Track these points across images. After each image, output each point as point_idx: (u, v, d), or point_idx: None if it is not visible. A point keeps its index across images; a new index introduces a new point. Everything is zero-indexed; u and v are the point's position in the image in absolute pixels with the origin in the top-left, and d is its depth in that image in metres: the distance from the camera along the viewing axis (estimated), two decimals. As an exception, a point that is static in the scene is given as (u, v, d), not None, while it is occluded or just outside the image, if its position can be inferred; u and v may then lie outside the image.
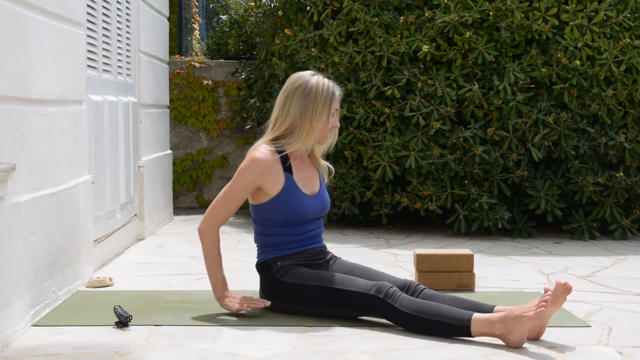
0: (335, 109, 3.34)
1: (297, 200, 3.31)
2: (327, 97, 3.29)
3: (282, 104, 3.32)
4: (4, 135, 2.97)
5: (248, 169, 3.27)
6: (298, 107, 3.28)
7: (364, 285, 3.18)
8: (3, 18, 2.98)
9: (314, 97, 3.27)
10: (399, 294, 3.10)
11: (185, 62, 7.28)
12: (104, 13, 4.55)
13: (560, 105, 5.59)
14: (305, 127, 3.28)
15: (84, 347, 2.88)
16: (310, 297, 3.27)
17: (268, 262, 3.36)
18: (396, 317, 3.10)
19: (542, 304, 2.89)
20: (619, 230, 5.52)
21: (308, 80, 3.30)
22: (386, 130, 5.57)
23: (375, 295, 3.12)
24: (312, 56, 5.71)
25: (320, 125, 3.30)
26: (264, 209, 3.34)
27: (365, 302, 3.15)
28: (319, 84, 3.29)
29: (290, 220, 3.32)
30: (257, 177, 3.27)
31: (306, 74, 3.34)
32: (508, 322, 2.91)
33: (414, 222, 6.21)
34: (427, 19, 5.56)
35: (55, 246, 3.49)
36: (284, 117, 3.31)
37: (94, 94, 4.28)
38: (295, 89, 3.30)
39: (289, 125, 3.30)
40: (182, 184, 7.27)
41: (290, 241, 3.36)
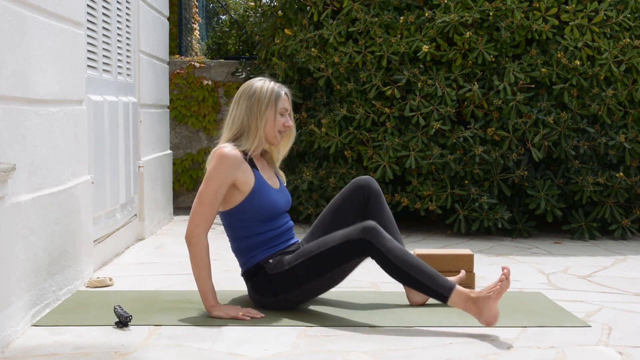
0: (284, 108, 3.42)
1: (268, 194, 3.38)
2: (271, 97, 3.39)
3: (231, 107, 3.45)
4: (4, 135, 2.97)
5: (220, 165, 3.29)
6: (243, 109, 3.39)
7: (348, 233, 3.26)
8: (3, 18, 2.98)
9: (257, 98, 3.38)
10: (383, 235, 3.23)
11: (185, 62, 7.28)
12: (104, 13, 4.55)
13: (560, 105, 5.59)
14: (252, 128, 3.38)
15: (84, 347, 2.88)
16: (303, 275, 3.29)
17: (260, 264, 3.36)
18: (381, 260, 3.24)
19: (505, 283, 3.14)
20: (619, 230, 5.52)
21: (252, 84, 3.43)
22: (386, 130, 5.57)
23: (361, 238, 3.22)
24: (312, 56, 5.71)
25: (267, 125, 3.39)
26: (239, 211, 3.35)
27: (355, 248, 3.24)
28: (263, 87, 3.41)
29: (267, 215, 3.36)
30: (231, 172, 3.29)
31: (254, 80, 3.46)
32: (478, 303, 3.15)
33: (414, 222, 6.21)
34: (427, 19, 5.56)
35: (55, 246, 3.49)
36: (232, 120, 3.41)
37: (94, 94, 4.29)
38: (241, 93, 3.43)
39: (238, 128, 3.39)
40: (182, 184, 7.27)
41: (274, 236, 3.39)
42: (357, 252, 3.27)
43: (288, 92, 3.47)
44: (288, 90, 3.47)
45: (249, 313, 3.27)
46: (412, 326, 3.19)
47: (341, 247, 3.27)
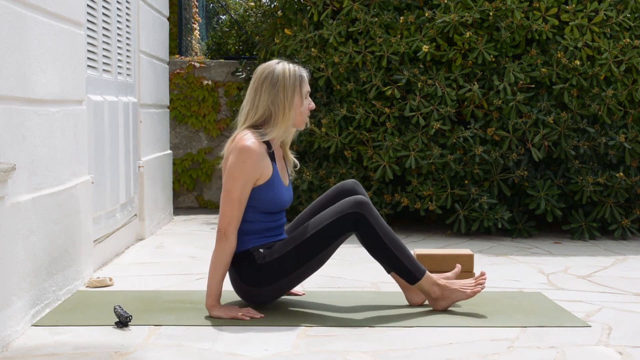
0: (307, 91, 3.37)
1: (278, 190, 3.35)
2: (296, 82, 3.32)
3: (252, 96, 3.34)
4: (4, 135, 2.97)
5: (247, 162, 3.23)
6: (268, 96, 3.30)
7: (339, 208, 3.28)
8: (3, 18, 2.98)
9: (282, 84, 3.30)
10: (375, 211, 3.30)
11: (185, 62, 7.28)
12: (104, 13, 4.56)
13: (560, 105, 5.59)
14: (279, 115, 3.30)
15: (84, 347, 2.88)
16: (294, 261, 3.29)
17: (250, 251, 3.32)
18: (370, 235, 3.29)
19: (479, 287, 3.38)
20: (619, 230, 5.52)
21: (274, 69, 3.32)
22: (386, 130, 5.57)
23: (355, 212, 3.26)
24: (312, 56, 5.71)
25: (295, 110, 3.33)
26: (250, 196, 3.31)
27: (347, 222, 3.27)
28: (285, 71, 3.32)
29: (270, 208, 3.34)
30: (257, 168, 3.25)
31: (272, 63, 3.37)
32: (445, 290, 3.37)
33: (414, 222, 6.21)
34: (427, 19, 5.56)
35: (55, 246, 3.49)
36: (255, 108, 3.32)
37: (94, 94, 4.29)
38: (263, 79, 3.32)
39: (262, 115, 3.32)
40: (182, 184, 7.27)
41: (269, 227, 3.37)
42: (349, 226, 3.28)
43: (307, 73, 3.41)
44: (307, 71, 3.41)
45: (249, 313, 3.26)
46: (412, 326, 3.19)
47: (333, 223, 3.27)
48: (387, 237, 3.31)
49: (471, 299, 3.57)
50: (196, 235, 5.63)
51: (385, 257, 3.34)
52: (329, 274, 4.21)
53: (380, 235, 3.30)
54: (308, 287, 3.88)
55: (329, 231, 3.28)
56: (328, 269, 4.25)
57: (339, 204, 3.32)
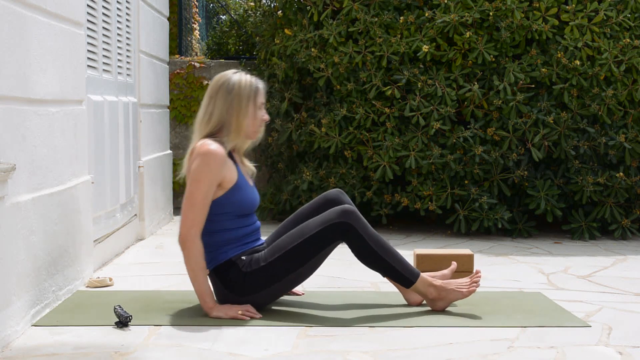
0: (261, 102, 3.38)
1: (247, 190, 3.36)
2: (251, 92, 3.33)
3: (206, 103, 3.35)
4: (4, 135, 2.97)
5: (209, 164, 3.22)
6: (222, 104, 3.31)
7: (327, 218, 3.28)
8: (3, 18, 2.98)
9: (237, 92, 3.31)
10: (362, 219, 3.30)
11: (185, 62, 7.28)
12: (104, 13, 4.56)
13: (560, 105, 5.59)
14: (233, 124, 3.31)
15: (84, 347, 2.88)
16: (281, 269, 3.28)
17: (232, 260, 3.31)
18: (359, 244, 3.30)
19: (474, 286, 3.40)
20: (619, 230, 5.52)
21: (230, 78, 3.34)
22: (386, 130, 5.57)
23: (342, 222, 3.26)
24: (312, 56, 5.71)
25: (249, 120, 3.33)
26: (216, 205, 3.29)
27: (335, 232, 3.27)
28: (241, 80, 3.33)
29: (244, 211, 3.34)
30: (219, 170, 3.24)
31: (228, 72, 3.38)
32: (442, 291, 3.39)
33: (414, 222, 6.21)
34: (427, 19, 5.56)
35: (55, 246, 3.49)
36: (209, 115, 3.33)
37: (94, 94, 4.29)
38: (218, 87, 3.34)
39: (216, 123, 3.32)
40: (182, 184, 7.26)
41: (246, 233, 3.36)
42: (337, 236, 3.29)
43: (263, 85, 3.42)
44: (263, 83, 3.43)
45: (248, 312, 3.26)
46: (412, 326, 3.19)
47: (321, 233, 3.27)
48: (377, 244, 3.32)
49: (471, 298, 3.57)
50: (196, 235, 5.62)
51: (376, 264, 3.35)
52: (329, 274, 4.21)
53: (370, 244, 3.31)
54: (308, 287, 3.88)
55: (315, 241, 3.28)
56: (328, 269, 4.26)
57: (326, 214, 3.32)
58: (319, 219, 3.31)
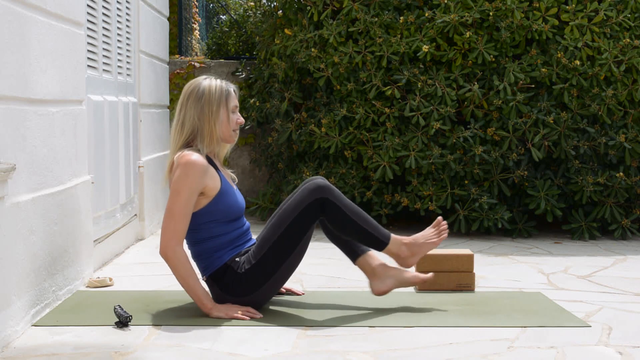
0: (235, 105, 3.37)
1: (233, 195, 3.36)
2: (222, 96, 3.33)
3: (178, 111, 3.36)
4: (4, 135, 2.97)
5: (189, 174, 3.22)
6: (193, 111, 3.31)
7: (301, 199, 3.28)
8: (3, 18, 2.98)
9: (207, 98, 3.31)
10: (335, 190, 3.33)
11: (185, 62, 7.28)
12: (104, 13, 4.56)
13: (560, 105, 5.59)
14: (205, 129, 3.31)
15: (84, 347, 2.88)
16: (273, 261, 3.28)
17: (228, 264, 3.31)
18: (337, 215, 3.31)
19: (444, 234, 3.48)
20: (619, 230, 5.52)
21: (200, 84, 3.35)
22: (386, 130, 5.57)
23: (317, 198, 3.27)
24: (312, 56, 5.71)
25: (221, 125, 3.33)
26: (204, 213, 3.30)
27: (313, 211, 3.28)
28: (211, 86, 3.33)
29: (232, 215, 3.34)
30: (200, 180, 3.23)
31: (199, 79, 3.38)
32: (413, 247, 3.45)
33: (414, 222, 6.21)
34: (427, 19, 5.56)
35: (55, 246, 3.49)
36: (181, 124, 3.33)
37: (94, 94, 4.29)
38: (188, 94, 3.34)
39: (190, 131, 3.32)
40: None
41: (238, 235, 3.37)
42: (316, 214, 3.30)
43: (236, 89, 3.42)
44: (235, 86, 3.42)
45: (248, 312, 3.27)
46: (412, 326, 3.20)
47: (299, 216, 3.28)
48: (353, 212, 3.35)
49: (471, 298, 3.57)
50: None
51: (354, 232, 3.36)
52: (329, 274, 4.21)
53: (347, 213, 3.33)
54: (308, 287, 3.88)
55: (298, 224, 3.29)
56: (328, 269, 4.26)
57: (299, 194, 3.33)
58: (294, 202, 3.32)
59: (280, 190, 6.10)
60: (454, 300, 3.63)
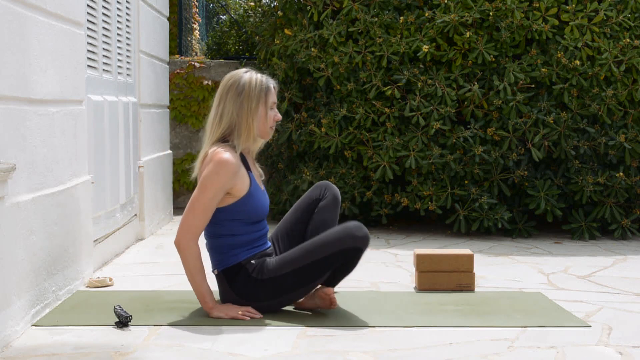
0: (273, 102, 3.33)
1: (259, 197, 3.34)
2: (262, 92, 3.28)
3: (216, 104, 3.32)
4: (4, 135, 2.97)
5: (219, 173, 3.19)
6: (232, 106, 3.27)
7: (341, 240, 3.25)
8: (3, 18, 2.98)
9: (247, 93, 3.26)
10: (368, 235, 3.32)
11: (185, 62, 7.28)
12: (104, 13, 4.56)
13: (560, 105, 5.59)
14: (243, 125, 3.27)
15: (84, 347, 2.88)
16: (293, 283, 3.27)
17: (242, 264, 3.29)
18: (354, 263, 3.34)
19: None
20: (619, 230, 5.51)
21: (240, 78, 3.29)
22: (386, 130, 5.57)
23: (356, 247, 3.26)
24: (312, 56, 5.71)
25: (259, 121, 3.30)
26: (228, 211, 3.28)
27: (347, 254, 3.27)
28: (252, 80, 3.28)
29: (256, 217, 3.32)
30: (229, 180, 3.21)
31: (239, 71, 3.33)
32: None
33: (414, 222, 6.21)
34: (427, 19, 5.56)
35: (55, 246, 3.49)
36: (219, 118, 3.30)
37: (94, 94, 4.29)
38: (228, 88, 3.29)
39: (227, 125, 3.28)
40: (182, 184, 7.27)
41: (257, 237, 3.35)
42: (348, 257, 3.29)
43: (275, 84, 3.37)
44: (275, 82, 3.38)
45: (248, 312, 3.26)
46: (412, 326, 3.20)
47: (334, 256, 3.25)
48: None
49: (471, 298, 3.57)
50: (196, 235, 5.62)
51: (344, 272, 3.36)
52: (329, 274, 4.21)
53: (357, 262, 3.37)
54: (308, 287, 3.88)
55: (328, 261, 3.26)
56: (328, 269, 4.24)
57: (342, 231, 3.27)
58: (333, 237, 3.26)
59: (280, 190, 6.10)
60: (454, 300, 3.63)
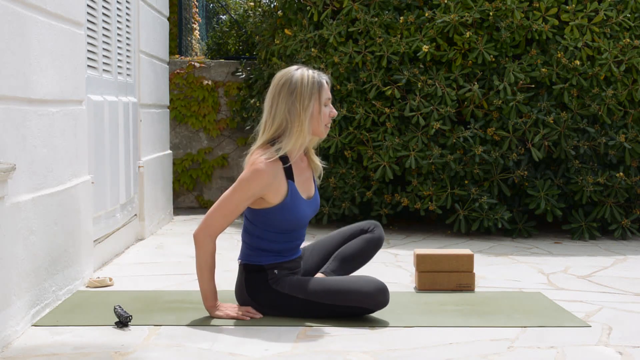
0: (327, 98, 3.24)
1: (298, 208, 3.25)
2: (314, 89, 3.18)
3: (269, 104, 3.23)
4: (4, 135, 2.97)
5: (251, 180, 3.15)
6: (285, 104, 3.17)
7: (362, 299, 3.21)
8: (3, 18, 2.98)
9: (299, 91, 3.17)
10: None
11: (185, 62, 7.28)
12: (104, 13, 4.55)
13: (560, 105, 5.59)
14: (295, 124, 3.17)
15: (84, 347, 2.88)
16: (300, 308, 3.26)
17: (264, 267, 3.27)
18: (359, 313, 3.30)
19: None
20: (619, 230, 5.51)
21: (292, 76, 3.19)
22: (386, 130, 5.57)
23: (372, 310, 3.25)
24: (312, 56, 5.71)
25: (313, 119, 3.21)
26: (265, 215, 3.24)
27: (361, 311, 3.26)
28: (303, 77, 3.18)
29: (291, 227, 3.27)
30: (261, 189, 3.17)
31: (290, 69, 3.23)
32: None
33: (414, 222, 6.21)
34: (427, 19, 5.56)
35: (55, 246, 3.49)
36: (272, 118, 3.20)
37: (94, 94, 4.29)
38: (280, 87, 3.20)
39: (279, 125, 3.20)
40: (182, 184, 7.27)
41: (288, 248, 3.31)
42: (359, 311, 3.26)
43: (328, 79, 3.27)
44: (327, 77, 3.28)
45: (248, 313, 3.26)
46: (412, 326, 3.19)
47: (350, 308, 3.23)
48: None
49: (471, 298, 3.56)
50: (196, 235, 5.62)
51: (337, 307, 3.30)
52: (329, 274, 4.20)
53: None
54: (308, 287, 3.87)
55: (344, 309, 3.23)
56: (328, 269, 4.24)
57: (368, 292, 3.20)
58: (358, 294, 3.20)
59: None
60: (454, 300, 3.63)
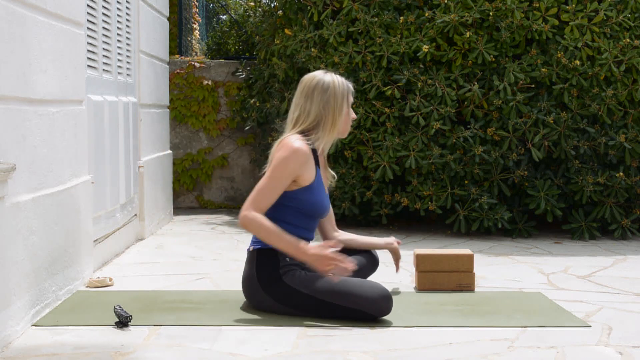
0: (352, 102, 3.52)
1: (321, 194, 3.44)
2: (345, 90, 3.46)
3: (302, 102, 3.45)
4: (4, 135, 2.97)
5: (290, 158, 3.31)
6: (319, 102, 3.42)
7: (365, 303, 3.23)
8: (3, 18, 2.98)
9: (333, 91, 3.43)
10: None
11: (185, 62, 7.28)
12: (104, 13, 4.56)
13: (560, 105, 5.59)
14: (329, 120, 3.42)
15: (84, 347, 2.88)
16: (306, 305, 3.28)
17: (277, 254, 3.32)
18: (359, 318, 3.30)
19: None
20: (619, 230, 5.51)
21: (324, 77, 3.46)
22: (386, 130, 5.57)
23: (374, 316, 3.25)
24: (312, 56, 5.71)
25: (343, 118, 3.46)
26: (289, 196, 3.36)
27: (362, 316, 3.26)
28: (335, 79, 3.46)
29: (310, 211, 3.41)
30: (299, 166, 3.32)
31: (319, 72, 3.50)
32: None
33: (414, 222, 6.21)
34: (427, 19, 5.56)
35: (55, 246, 3.49)
36: (306, 114, 3.43)
37: (94, 94, 4.29)
38: (314, 86, 3.44)
39: (313, 120, 3.42)
40: (182, 184, 7.27)
41: (303, 235, 3.38)
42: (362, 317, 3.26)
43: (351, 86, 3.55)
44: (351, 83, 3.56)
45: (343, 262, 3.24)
46: (412, 326, 3.20)
47: (354, 310, 3.24)
48: None
49: (471, 298, 3.56)
50: (196, 235, 5.63)
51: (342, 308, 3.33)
52: (329, 274, 4.20)
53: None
54: (308, 287, 3.87)
55: (347, 312, 3.25)
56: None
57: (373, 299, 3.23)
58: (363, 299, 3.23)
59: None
60: (454, 300, 3.63)
